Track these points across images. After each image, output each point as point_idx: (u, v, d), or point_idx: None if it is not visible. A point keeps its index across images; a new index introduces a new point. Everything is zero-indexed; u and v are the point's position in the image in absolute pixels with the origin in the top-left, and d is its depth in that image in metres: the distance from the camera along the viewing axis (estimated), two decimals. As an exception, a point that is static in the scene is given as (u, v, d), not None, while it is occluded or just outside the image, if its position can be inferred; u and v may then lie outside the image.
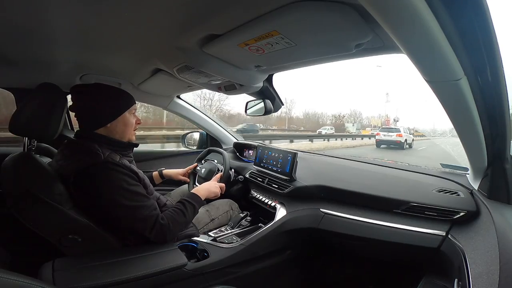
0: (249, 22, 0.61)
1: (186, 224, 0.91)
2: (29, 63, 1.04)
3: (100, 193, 0.77)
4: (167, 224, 0.83)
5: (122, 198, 0.78)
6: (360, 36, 0.61)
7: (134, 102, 0.94)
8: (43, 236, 0.77)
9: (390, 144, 12.36)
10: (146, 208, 0.81)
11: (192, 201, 0.93)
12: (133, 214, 0.79)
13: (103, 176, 0.78)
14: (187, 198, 0.94)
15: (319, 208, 1.08)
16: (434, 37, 0.40)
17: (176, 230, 0.86)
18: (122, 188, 0.79)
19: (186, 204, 0.91)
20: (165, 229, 0.82)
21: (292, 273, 1.18)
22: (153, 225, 0.80)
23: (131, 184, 0.81)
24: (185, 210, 0.89)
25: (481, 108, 0.57)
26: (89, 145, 0.82)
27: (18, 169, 0.76)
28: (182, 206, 0.90)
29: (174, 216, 0.86)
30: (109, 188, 0.77)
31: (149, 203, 0.83)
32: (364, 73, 69.54)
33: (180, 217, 0.87)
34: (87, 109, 0.86)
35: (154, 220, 0.81)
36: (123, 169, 0.81)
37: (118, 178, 0.79)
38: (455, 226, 0.83)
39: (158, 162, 1.67)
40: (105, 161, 0.79)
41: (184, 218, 0.88)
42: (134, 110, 0.94)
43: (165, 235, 0.83)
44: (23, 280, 0.43)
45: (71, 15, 0.64)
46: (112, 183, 0.78)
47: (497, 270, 0.53)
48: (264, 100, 1.24)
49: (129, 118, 0.91)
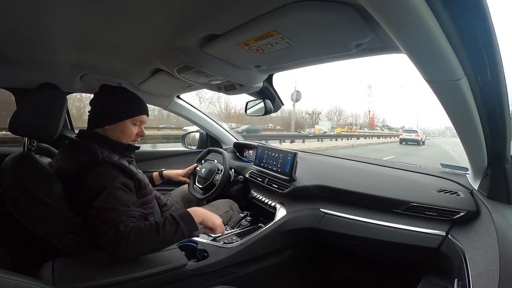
0: (249, 22, 0.61)
1: (158, 242, 0.73)
2: (29, 63, 1.04)
3: (93, 192, 0.74)
4: (125, 233, 0.68)
5: (101, 200, 0.72)
6: (360, 36, 0.61)
7: (142, 113, 0.91)
8: (43, 236, 0.77)
9: (409, 142, 16.53)
10: (114, 211, 0.71)
11: (179, 219, 0.75)
12: (100, 215, 0.71)
13: (95, 175, 0.76)
14: (174, 215, 0.77)
15: (319, 208, 1.08)
16: (434, 37, 0.40)
17: (138, 245, 0.69)
18: (107, 190, 0.74)
19: (167, 220, 0.75)
20: (120, 237, 0.67)
21: (292, 273, 1.18)
22: (108, 229, 0.68)
23: (118, 188, 0.76)
24: (162, 226, 0.72)
25: (481, 108, 0.57)
26: (88, 144, 0.82)
27: (18, 169, 0.76)
28: (161, 221, 0.74)
29: (144, 229, 0.71)
30: (98, 188, 0.74)
31: (122, 209, 0.73)
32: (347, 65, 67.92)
33: (150, 232, 0.71)
34: (94, 108, 0.88)
35: (112, 225, 0.69)
36: (116, 170, 0.79)
37: (107, 178, 0.76)
38: (455, 226, 0.83)
39: (158, 162, 1.67)
40: (103, 160, 0.79)
41: (155, 235, 0.71)
42: (139, 121, 0.91)
43: (118, 243, 0.67)
44: (23, 280, 0.43)
45: (71, 15, 0.64)
46: (103, 183, 0.74)
47: (497, 270, 0.53)
48: (264, 100, 1.24)
49: (129, 127, 0.89)
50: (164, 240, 0.73)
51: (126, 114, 0.88)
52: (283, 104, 1.30)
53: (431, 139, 22.03)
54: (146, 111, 0.93)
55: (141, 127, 0.93)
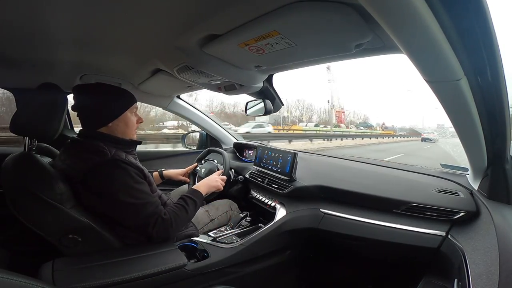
0: (249, 22, 0.61)
1: (188, 220, 0.92)
2: (29, 63, 1.04)
3: (108, 191, 0.78)
4: (169, 219, 0.83)
5: (128, 196, 0.79)
6: (360, 36, 0.61)
7: (135, 101, 0.94)
8: (43, 236, 0.77)
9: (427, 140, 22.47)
10: (150, 205, 0.81)
11: (193, 197, 0.93)
12: (137, 211, 0.79)
13: (112, 174, 0.79)
14: (188, 194, 0.94)
15: (319, 208, 1.08)
16: (434, 37, 0.40)
17: (178, 225, 0.87)
18: (129, 185, 0.80)
19: (187, 200, 0.92)
20: (167, 224, 0.82)
21: (292, 273, 1.18)
22: (156, 221, 0.81)
23: (137, 182, 0.82)
24: (186, 206, 0.89)
25: (481, 108, 0.57)
26: (95, 144, 0.82)
27: (18, 169, 0.76)
28: (183, 202, 0.91)
29: (177, 211, 0.87)
30: (117, 185, 0.78)
31: (153, 200, 0.83)
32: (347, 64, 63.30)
33: (182, 213, 0.87)
34: (89, 108, 0.87)
35: (157, 217, 0.81)
36: (130, 167, 0.82)
37: (126, 175, 0.80)
38: (455, 226, 0.83)
39: (158, 162, 1.67)
40: (113, 159, 0.80)
41: (186, 214, 0.88)
42: (135, 109, 0.94)
43: (167, 230, 0.83)
44: (23, 280, 0.43)
45: (71, 15, 0.64)
46: (120, 180, 0.79)
47: (497, 270, 0.53)
48: (264, 100, 1.24)
49: (130, 117, 0.92)
50: (190, 216, 0.92)
51: (125, 106, 0.90)
52: (283, 104, 1.30)
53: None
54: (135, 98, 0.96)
55: (137, 114, 0.96)
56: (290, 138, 13.86)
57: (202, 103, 30.46)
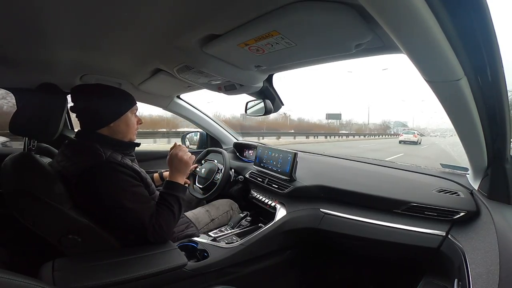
0: (249, 22, 0.61)
1: (178, 217, 0.88)
2: (29, 63, 1.04)
3: (102, 193, 0.77)
4: (163, 225, 0.82)
5: (123, 199, 0.78)
6: (360, 36, 0.61)
7: (135, 102, 0.94)
8: (43, 236, 0.77)
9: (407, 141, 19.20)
10: (145, 209, 0.80)
11: (173, 193, 0.88)
12: (133, 215, 0.79)
13: (105, 177, 0.78)
14: (168, 191, 0.88)
15: (319, 208, 1.08)
16: (434, 37, 0.40)
17: (170, 227, 0.85)
18: (124, 188, 0.79)
19: (168, 199, 0.86)
20: (163, 230, 0.82)
21: (292, 273, 1.18)
22: (151, 226, 0.80)
23: (133, 185, 0.81)
24: (172, 205, 0.85)
25: (481, 108, 0.57)
26: (90, 145, 0.82)
27: (18, 169, 0.76)
28: (168, 201, 0.86)
29: (168, 213, 0.84)
30: (111, 189, 0.77)
31: (149, 205, 0.82)
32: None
33: (173, 214, 0.85)
34: (89, 109, 0.86)
35: (153, 222, 0.80)
36: (125, 169, 0.81)
37: (120, 178, 0.79)
38: (455, 226, 0.83)
39: (158, 162, 1.67)
40: (107, 161, 0.79)
41: (178, 213, 0.87)
42: (135, 110, 0.94)
43: (162, 236, 0.83)
44: (23, 280, 0.43)
45: (71, 15, 0.64)
46: (114, 183, 0.78)
47: (497, 270, 0.53)
48: (264, 100, 1.24)
49: (131, 118, 0.92)
50: (178, 215, 0.88)
51: (127, 106, 0.90)
52: (283, 104, 1.30)
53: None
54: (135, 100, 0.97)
55: (137, 115, 0.96)
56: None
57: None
